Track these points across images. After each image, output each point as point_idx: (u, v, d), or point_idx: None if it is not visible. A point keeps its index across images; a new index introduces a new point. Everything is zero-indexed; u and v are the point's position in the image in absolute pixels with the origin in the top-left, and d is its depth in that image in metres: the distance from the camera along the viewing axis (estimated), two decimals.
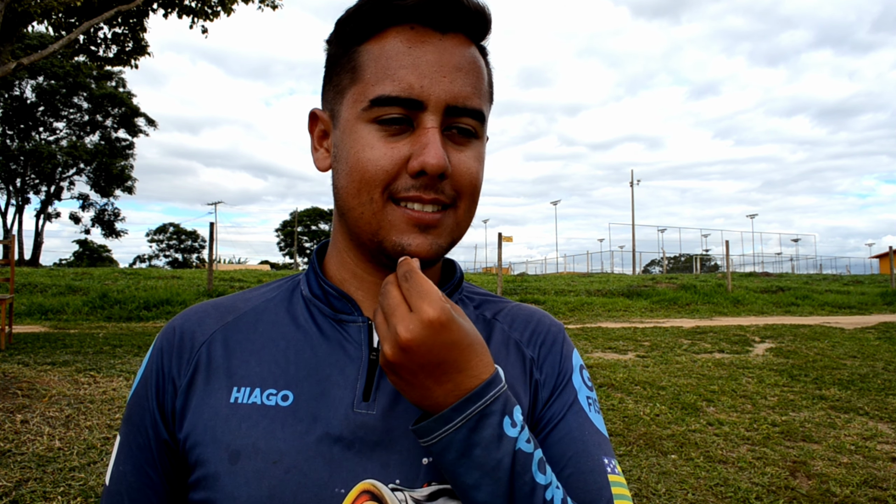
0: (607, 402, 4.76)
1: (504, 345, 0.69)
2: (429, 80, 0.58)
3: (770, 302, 14.27)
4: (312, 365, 0.63)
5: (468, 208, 0.63)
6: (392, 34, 0.60)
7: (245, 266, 47.84)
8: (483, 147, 0.65)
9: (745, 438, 3.96)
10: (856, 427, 4.26)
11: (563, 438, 0.64)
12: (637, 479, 3.23)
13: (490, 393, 0.54)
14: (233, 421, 0.60)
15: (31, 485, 2.77)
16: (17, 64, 6.51)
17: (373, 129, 0.59)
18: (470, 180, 0.62)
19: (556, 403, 0.66)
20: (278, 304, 0.69)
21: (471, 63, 0.61)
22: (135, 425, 0.65)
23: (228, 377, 0.63)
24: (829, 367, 6.35)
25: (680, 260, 44.30)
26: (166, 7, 8.60)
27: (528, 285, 15.24)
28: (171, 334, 0.67)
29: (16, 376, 4.62)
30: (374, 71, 0.59)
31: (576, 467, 0.62)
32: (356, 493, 0.57)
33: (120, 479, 0.64)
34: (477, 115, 0.61)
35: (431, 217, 0.60)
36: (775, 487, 3.15)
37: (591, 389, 0.70)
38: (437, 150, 0.57)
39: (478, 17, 0.61)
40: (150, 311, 9.75)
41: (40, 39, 24.62)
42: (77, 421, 3.68)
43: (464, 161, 0.61)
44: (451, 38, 0.60)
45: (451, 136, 0.61)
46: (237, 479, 0.57)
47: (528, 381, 0.67)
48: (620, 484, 0.63)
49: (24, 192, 35.78)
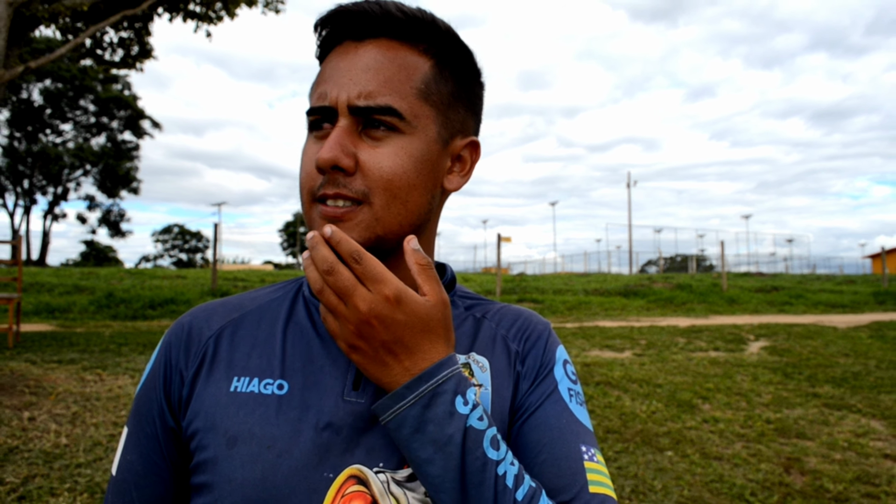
0: (604, 399, 4.80)
1: (491, 340, 0.71)
2: (336, 86, 0.62)
3: (764, 301, 14.22)
4: (307, 357, 0.66)
5: (387, 203, 0.62)
6: (332, 54, 0.66)
7: (248, 266, 47.92)
8: (413, 143, 0.63)
9: (740, 435, 3.99)
10: (849, 424, 4.29)
11: (539, 425, 0.65)
12: (633, 475, 3.26)
13: (442, 373, 0.57)
14: (231, 408, 0.63)
15: (38, 481, 2.81)
16: (25, 67, 6.60)
17: (310, 137, 0.66)
18: (381, 175, 0.61)
19: (534, 392, 0.68)
20: (281, 303, 0.73)
21: (385, 63, 0.63)
22: (143, 416, 0.68)
23: (230, 368, 0.66)
24: (822, 365, 6.36)
25: (676, 260, 44.07)
26: (171, 11, 8.68)
27: (526, 285, 15.23)
28: (179, 330, 0.70)
29: (23, 374, 4.68)
30: (312, 87, 0.67)
31: (550, 453, 0.63)
32: (343, 478, 0.60)
33: (127, 468, 0.67)
34: (385, 111, 0.61)
35: (335, 211, 0.62)
36: (769, 484, 3.18)
37: (574, 383, 0.71)
38: (329, 145, 0.60)
39: (392, 20, 0.63)
40: (155, 311, 9.82)
41: (48, 43, 24.76)
42: (83, 418, 3.73)
43: (374, 156, 0.62)
44: (368, 44, 0.64)
45: (368, 133, 0.63)
46: (233, 462, 0.60)
47: (511, 373, 0.69)
48: (599, 472, 0.63)
49: (31, 193, 36.02)
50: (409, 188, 0.63)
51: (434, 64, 0.66)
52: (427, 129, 0.65)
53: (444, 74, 0.67)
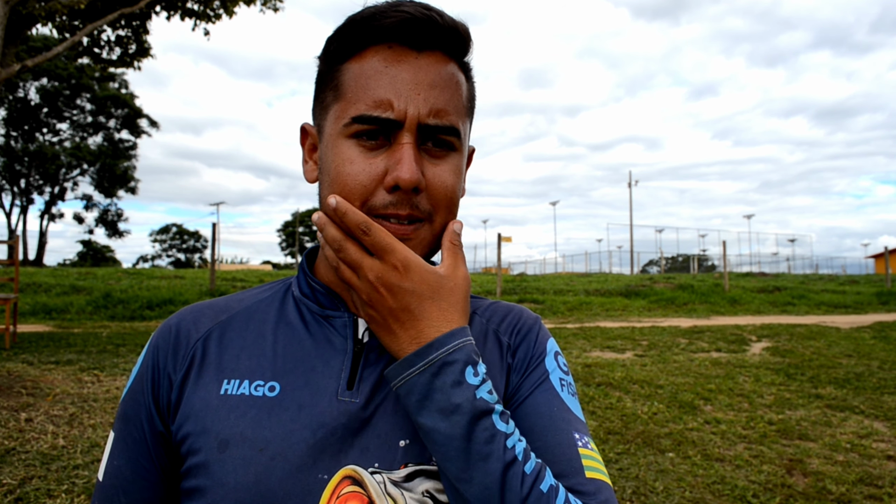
0: (605, 400, 4.79)
1: (483, 334, 0.72)
2: (404, 98, 0.60)
3: (766, 301, 14.26)
4: (299, 358, 0.65)
5: (444, 220, 0.65)
6: (371, 53, 0.62)
7: (247, 266, 47.89)
8: (461, 160, 0.67)
9: (742, 437, 3.98)
10: (851, 425, 4.28)
11: (531, 413, 0.65)
12: (635, 476, 3.25)
13: (452, 343, 0.58)
14: (222, 411, 0.62)
15: (35, 482, 2.80)
16: (22, 66, 6.56)
17: (352, 144, 0.62)
18: (445, 194, 0.63)
19: (526, 382, 0.68)
20: (270, 303, 0.72)
21: (446, 80, 0.63)
22: (130, 420, 0.67)
23: (220, 371, 0.65)
24: (824, 366, 6.36)
25: (678, 260, 44.25)
26: (169, 10, 8.65)
27: (527, 285, 15.25)
28: (167, 333, 0.69)
29: (20, 375, 4.66)
30: (354, 89, 0.62)
31: (544, 440, 0.62)
32: (338, 479, 0.59)
33: (114, 474, 0.66)
34: (451, 132, 0.63)
35: (405, 231, 0.62)
36: (772, 485, 3.17)
37: (566, 374, 0.71)
38: (411, 166, 0.59)
39: (453, 35, 0.63)
40: (153, 311, 9.80)
41: (44, 42, 24.71)
42: (81, 419, 3.71)
43: (439, 175, 0.63)
44: (427, 55, 0.63)
45: (428, 150, 0.63)
46: (225, 466, 0.59)
47: (503, 366, 0.69)
48: (593, 458, 0.63)
49: (28, 192, 35.94)
50: (457, 204, 0.67)
51: (467, 79, 0.68)
52: (465, 144, 0.68)
53: (472, 90, 0.70)
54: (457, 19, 0.64)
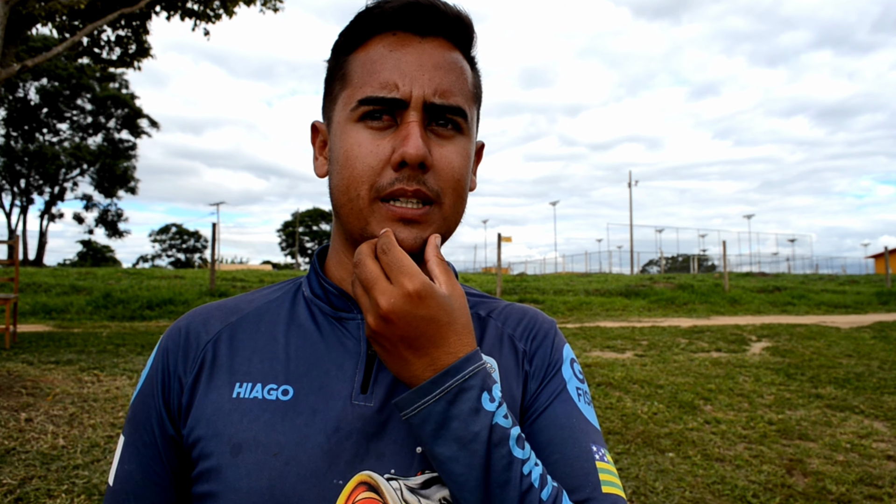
0: (605, 400, 4.79)
1: (498, 339, 0.70)
2: (409, 78, 0.61)
3: (766, 301, 14.26)
4: (312, 361, 0.65)
5: (454, 203, 0.64)
6: (376, 41, 0.64)
7: (247, 266, 47.91)
8: (469, 144, 0.66)
9: (742, 437, 3.98)
10: (851, 425, 4.28)
11: (549, 425, 0.64)
12: (635, 476, 3.25)
13: (468, 368, 0.56)
14: (235, 415, 0.61)
15: (35, 482, 2.80)
16: (22, 66, 6.56)
17: (360, 127, 0.63)
18: (452, 175, 0.63)
19: (544, 392, 0.67)
20: (280, 304, 0.71)
21: (451, 63, 0.64)
22: (140, 424, 0.66)
23: (231, 374, 0.64)
24: (824, 365, 6.36)
25: (678, 260, 44.28)
26: (169, 10, 8.66)
27: (527, 285, 15.25)
28: (176, 335, 0.68)
29: (20, 375, 4.66)
30: (360, 75, 0.63)
31: (562, 453, 0.62)
32: (353, 485, 0.58)
33: (125, 479, 0.65)
34: (457, 111, 0.63)
35: (414, 212, 0.61)
36: (772, 485, 3.17)
37: (581, 382, 0.71)
38: (416, 141, 0.59)
39: (457, 23, 0.64)
40: (153, 311, 9.80)
41: (44, 42, 24.70)
42: (81, 419, 3.71)
43: (446, 155, 0.63)
44: (430, 41, 0.64)
45: (435, 130, 0.63)
46: (238, 471, 0.58)
47: (520, 373, 0.68)
48: (610, 472, 0.63)
49: (28, 192, 35.95)
50: (466, 189, 0.66)
51: (472, 68, 0.69)
52: (473, 130, 0.68)
53: (477, 79, 0.70)
54: (459, 8, 0.65)
